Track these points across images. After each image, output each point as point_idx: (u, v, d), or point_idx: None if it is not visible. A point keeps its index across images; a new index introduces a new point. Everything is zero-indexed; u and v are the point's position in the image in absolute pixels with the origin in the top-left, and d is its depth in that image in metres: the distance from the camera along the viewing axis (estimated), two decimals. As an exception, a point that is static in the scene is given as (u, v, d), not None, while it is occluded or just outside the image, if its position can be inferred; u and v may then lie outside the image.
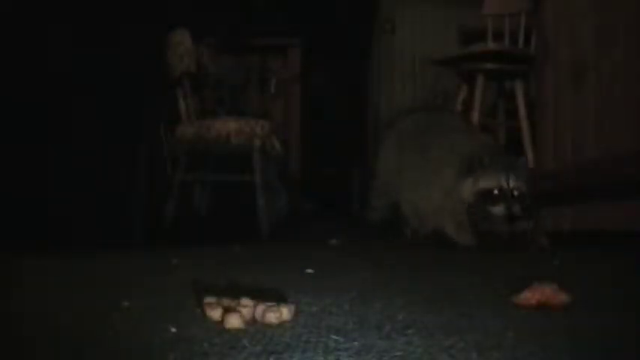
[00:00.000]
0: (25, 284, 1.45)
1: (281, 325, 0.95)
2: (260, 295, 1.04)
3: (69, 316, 1.05)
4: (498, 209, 2.46)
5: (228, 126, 3.37)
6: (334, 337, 0.86)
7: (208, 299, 1.02)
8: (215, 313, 0.97)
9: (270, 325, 0.94)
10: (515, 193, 2.45)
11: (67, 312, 1.09)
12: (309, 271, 1.60)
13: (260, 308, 0.97)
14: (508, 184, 2.47)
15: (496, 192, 2.47)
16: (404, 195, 2.79)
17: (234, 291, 1.09)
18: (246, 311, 0.96)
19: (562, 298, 1.11)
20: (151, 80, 3.61)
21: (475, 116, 3.51)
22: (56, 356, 0.80)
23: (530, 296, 1.11)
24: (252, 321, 0.96)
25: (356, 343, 0.83)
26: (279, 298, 1.08)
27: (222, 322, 0.94)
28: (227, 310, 0.95)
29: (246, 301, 1.00)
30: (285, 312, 0.97)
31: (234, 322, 0.92)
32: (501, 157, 2.60)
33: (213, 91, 4.10)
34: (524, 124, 3.50)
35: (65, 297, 1.25)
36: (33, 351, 0.83)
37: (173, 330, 0.90)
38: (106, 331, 0.92)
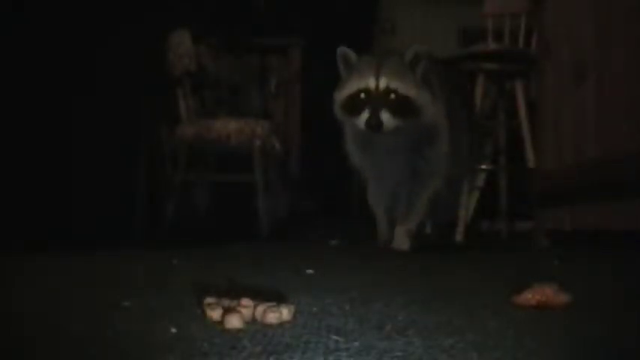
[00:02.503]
0: (25, 284, 1.45)
1: (281, 325, 0.95)
2: (260, 295, 1.04)
3: (69, 316, 1.05)
4: (361, 117, 1.99)
5: (228, 126, 3.37)
6: (334, 337, 0.86)
7: (208, 299, 1.02)
8: (215, 313, 0.97)
9: (270, 326, 0.94)
10: (392, 96, 2.01)
11: (67, 312, 1.09)
12: (309, 271, 1.60)
13: (260, 308, 0.97)
14: (378, 84, 2.01)
15: (362, 96, 2.03)
16: None
17: (234, 291, 1.09)
18: (246, 311, 0.96)
19: (562, 298, 1.11)
20: (150, 80, 3.61)
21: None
22: (56, 356, 0.80)
23: (530, 296, 1.11)
24: (252, 321, 0.96)
25: (356, 343, 0.83)
26: (279, 298, 1.08)
27: (222, 322, 0.94)
28: (227, 311, 0.95)
29: (246, 301, 1.00)
30: (285, 312, 0.97)
31: (234, 322, 0.92)
32: (376, 56, 2.09)
33: (213, 91, 4.10)
34: (525, 124, 3.50)
35: (65, 297, 1.25)
36: (33, 351, 0.83)
37: (173, 330, 0.90)
38: (106, 331, 0.92)
